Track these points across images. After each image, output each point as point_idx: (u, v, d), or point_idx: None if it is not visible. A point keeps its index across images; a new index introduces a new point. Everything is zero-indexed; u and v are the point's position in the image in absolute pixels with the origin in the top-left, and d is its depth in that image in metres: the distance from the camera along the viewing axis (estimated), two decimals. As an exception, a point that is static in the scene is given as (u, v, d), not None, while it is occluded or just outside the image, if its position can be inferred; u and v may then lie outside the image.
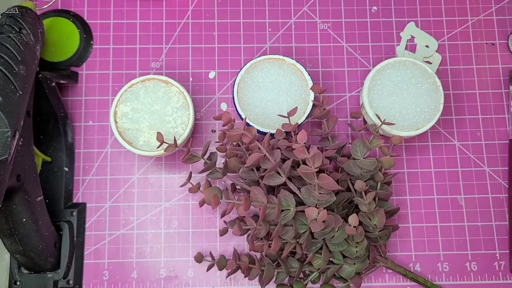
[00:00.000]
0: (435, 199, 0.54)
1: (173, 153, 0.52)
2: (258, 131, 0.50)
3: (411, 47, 0.58)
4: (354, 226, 0.43)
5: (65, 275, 0.50)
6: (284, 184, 0.46)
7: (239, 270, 0.50)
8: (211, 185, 0.48)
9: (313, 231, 0.43)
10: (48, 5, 0.57)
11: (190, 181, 0.50)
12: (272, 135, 0.50)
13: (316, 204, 0.43)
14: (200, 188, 0.49)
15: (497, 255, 0.53)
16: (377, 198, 0.48)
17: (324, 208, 0.42)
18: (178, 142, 0.48)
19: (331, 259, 0.47)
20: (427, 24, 0.59)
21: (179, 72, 0.57)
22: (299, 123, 0.50)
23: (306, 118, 0.51)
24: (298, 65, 0.51)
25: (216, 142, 0.50)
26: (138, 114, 0.49)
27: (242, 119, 0.50)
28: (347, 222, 0.44)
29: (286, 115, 0.47)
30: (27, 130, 0.44)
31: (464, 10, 0.59)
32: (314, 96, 0.51)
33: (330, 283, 0.49)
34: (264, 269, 0.48)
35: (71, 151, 0.54)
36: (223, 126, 0.46)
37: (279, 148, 0.46)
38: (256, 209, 0.46)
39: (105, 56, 0.57)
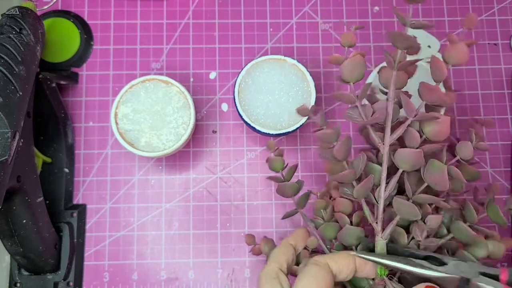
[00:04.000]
0: (437, 200, 0.54)
1: (173, 154, 0.52)
2: (259, 132, 0.50)
3: (413, 48, 0.58)
4: None
5: (65, 277, 0.50)
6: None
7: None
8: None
9: None
10: (49, 5, 0.56)
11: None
12: (271, 134, 0.50)
13: None
14: None
15: (500, 256, 0.53)
16: None
17: None
18: (180, 142, 0.48)
19: None
20: (429, 25, 0.58)
21: (180, 72, 0.56)
22: (300, 124, 0.50)
23: (307, 120, 0.50)
24: (300, 66, 0.51)
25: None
26: (139, 115, 0.49)
27: (242, 119, 0.50)
28: None
29: (288, 116, 0.45)
30: (27, 131, 0.44)
31: (466, 11, 0.59)
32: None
33: None
34: None
35: (72, 152, 0.54)
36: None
37: None
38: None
39: (106, 57, 0.56)
